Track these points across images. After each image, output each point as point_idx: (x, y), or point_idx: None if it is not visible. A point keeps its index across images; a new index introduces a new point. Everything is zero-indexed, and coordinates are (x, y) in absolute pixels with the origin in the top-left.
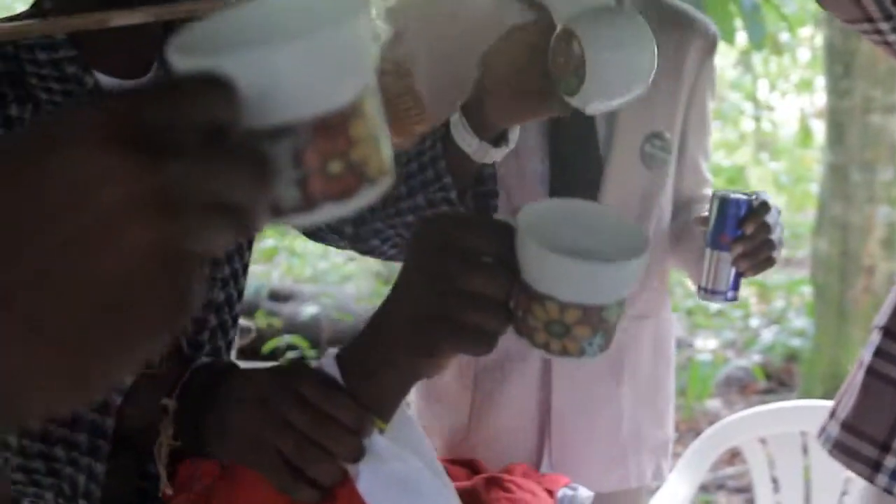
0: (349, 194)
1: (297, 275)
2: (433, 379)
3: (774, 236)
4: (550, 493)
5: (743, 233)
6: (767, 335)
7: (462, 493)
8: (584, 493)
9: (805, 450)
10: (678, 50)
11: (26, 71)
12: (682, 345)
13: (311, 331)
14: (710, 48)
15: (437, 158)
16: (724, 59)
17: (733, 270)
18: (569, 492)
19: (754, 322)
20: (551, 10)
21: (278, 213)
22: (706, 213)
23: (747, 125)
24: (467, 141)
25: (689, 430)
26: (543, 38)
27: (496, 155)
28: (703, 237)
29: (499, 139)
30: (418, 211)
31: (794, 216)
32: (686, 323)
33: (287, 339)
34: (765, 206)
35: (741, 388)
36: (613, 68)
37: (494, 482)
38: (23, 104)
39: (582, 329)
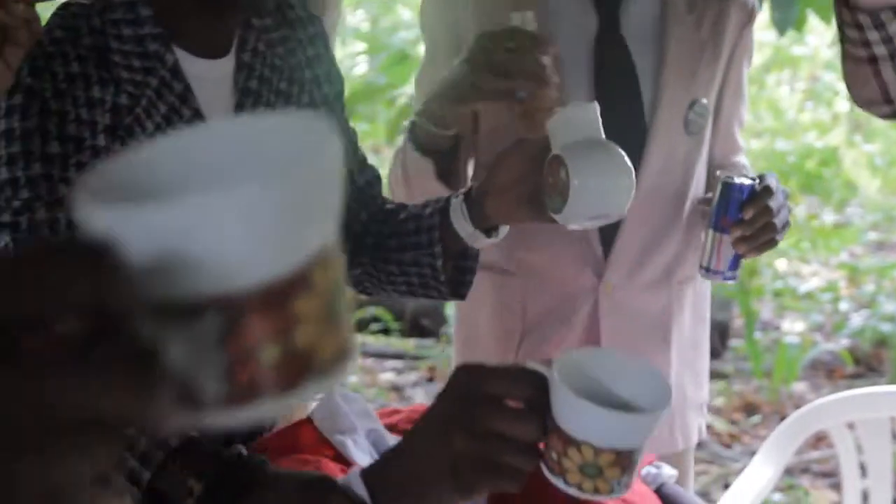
0: (291, 387)
1: None
2: (475, 342)
3: (777, 220)
4: None
5: (743, 217)
6: (857, 319)
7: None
8: (668, 470)
9: (894, 436)
10: (719, 19)
11: (111, 47)
12: (768, 327)
13: (395, 304)
14: (749, 18)
15: (433, 228)
16: (820, 38)
17: (733, 252)
18: (653, 469)
19: (843, 305)
20: (550, 135)
21: (198, 408)
22: (710, 195)
23: (841, 106)
24: (463, 226)
25: (774, 412)
26: (543, 156)
27: (485, 243)
28: (708, 217)
29: (491, 229)
30: (402, 266)
31: (887, 199)
32: (773, 304)
33: (372, 311)
34: (767, 191)
35: (828, 372)
36: (593, 195)
37: None
38: (105, 86)
39: (613, 470)
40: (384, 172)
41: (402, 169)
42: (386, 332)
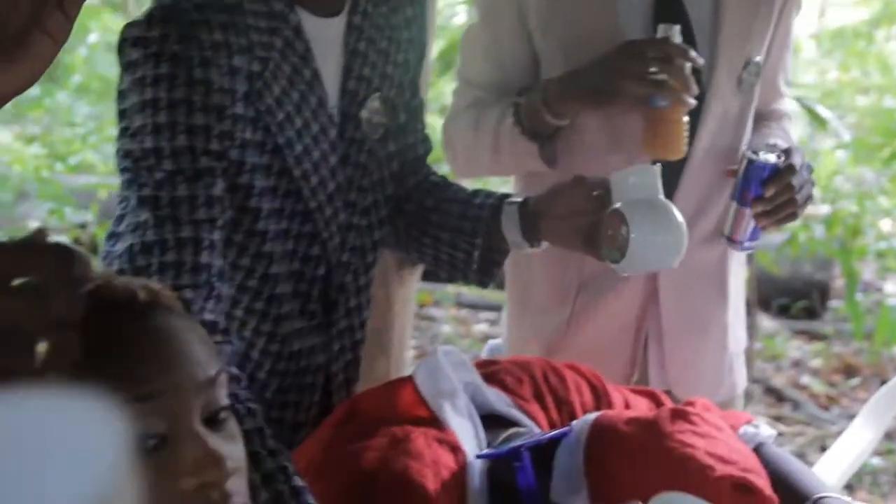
0: None
1: None
2: (530, 292)
3: (799, 196)
4: (733, 428)
5: (764, 194)
6: None
7: (644, 424)
8: (766, 430)
9: None
10: None
11: (244, 9)
12: (870, 288)
13: None
14: None
15: (479, 220)
16: None
17: (753, 224)
18: (751, 429)
19: None
20: (612, 189)
21: None
22: (736, 167)
23: None
24: (512, 232)
25: (875, 375)
26: (599, 197)
27: (528, 251)
28: (733, 189)
29: (535, 240)
30: (437, 243)
31: None
32: (876, 266)
33: None
34: (790, 169)
35: None
36: (650, 252)
37: (679, 415)
38: (242, 53)
39: None
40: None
41: (494, 143)
42: None
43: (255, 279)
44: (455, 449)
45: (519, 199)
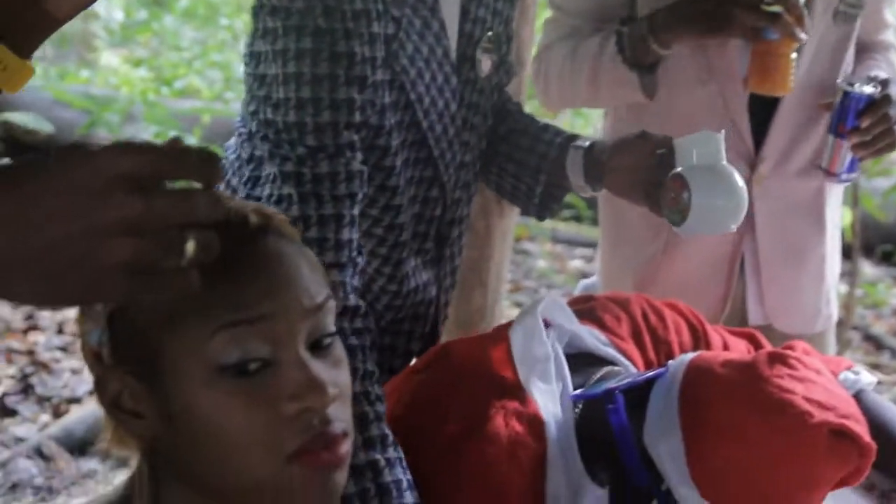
0: None
1: None
2: (623, 227)
3: None
4: (833, 374)
5: (860, 125)
6: None
7: (741, 367)
8: (867, 377)
9: None
10: None
11: None
12: None
13: None
14: None
15: (546, 157)
16: None
17: (850, 155)
18: (851, 375)
19: None
20: (676, 152)
21: None
22: (831, 100)
23: None
24: (576, 174)
25: None
26: (662, 156)
27: (589, 194)
28: (829, 121)
29: (598, 185)
30: (503, 172)
31: None
32: None
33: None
34: (886, 100)
35: None
36: (710, 217)
37: (778, 358)
38: (380, 19)
39: None
40: None
41: (592, 74)
42: (577, 219)
43: (381, 227)
44: (534, 421)
45: (585, 144)
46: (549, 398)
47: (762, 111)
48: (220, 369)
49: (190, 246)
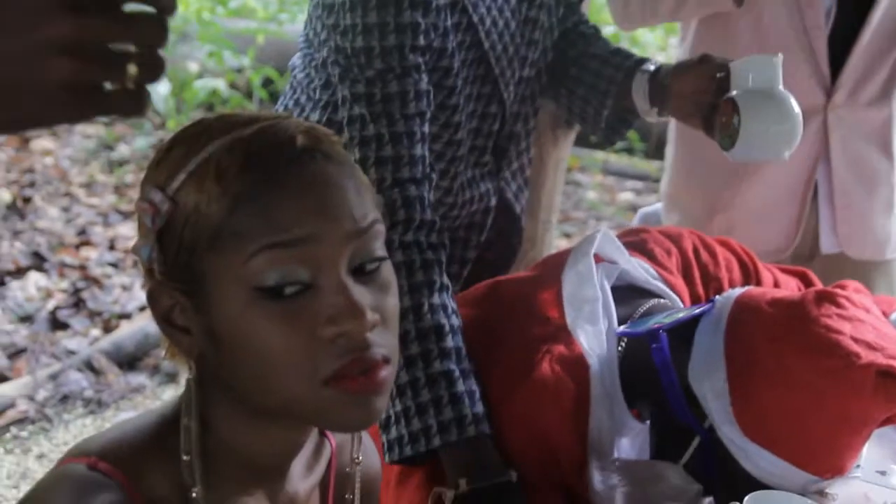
0: None
1: None
2: (699, 143)
3: None
4: (885, 315)
5: None
6: None
7: (788, 306)
8: None
9: None
10: None
11: None
12: None
13: (642, 125)
14: None
15: (613, 81)
16: None
17: None
18: None
19: None
20: (732, 76)
21: None
22: None
23: None
24: (641, 99)
25: None
26: (720, 80)
27: (655, 119)
28: None
29: (663, 109)
30: (572, 95)
31: None
32: None
33: None
34: None
35: None
36: (760, 143)
37: (825, 297)
38: (456, 77)
39: None
40: None
41: None
42: (629, 151)
43: (440, 143)
44: (580, 365)
45: (651, 68)
46: (595, 340)
47: (841, 40)
48: (258, 291)
49: (132, 67)
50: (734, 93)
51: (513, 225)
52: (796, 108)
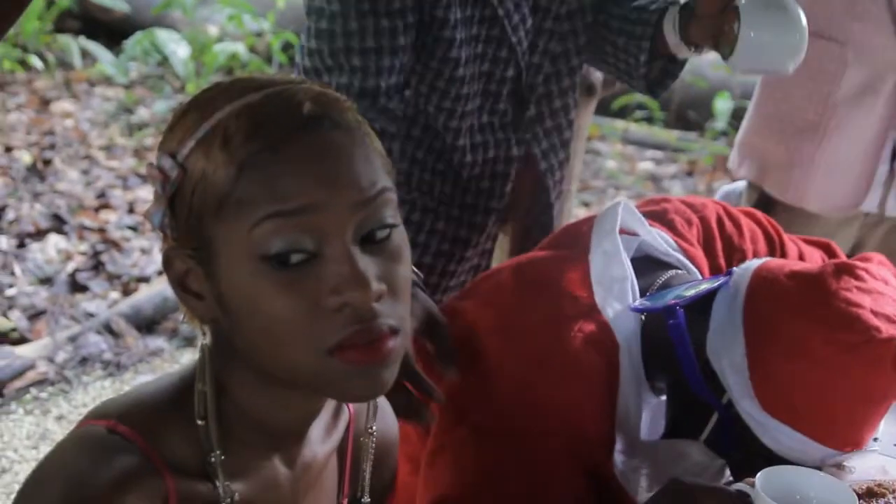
0: None
1: None
2: (787, 101)
3: None
4: None
5: None
6: None
7: (807, 279)
8: None
9: None
10: None
11: None
12: None
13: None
14: None
15: (648, 23)
16: None
17: None
18: None
19: None
20: None
21: None
22: None
23: None
24: (671, 33)
25: None
26: None
27: (689, 55)
28: None
29: (692, 43)
30: (615, 49)
31: None
32: None
33: (637, 98)
34: None
35: None
36: (759, 51)
37: (845, 269)
38: (447, 8)
39: None
40: None
41: None
42: (649, 120)
43: (443, 80)
44: (610, 346)
45: (682, 0)
46: (625, 319)
47: None
48: (263, 259)
49: None
50: (739, 1)
51: (537, 182)
52: (801, 19)
